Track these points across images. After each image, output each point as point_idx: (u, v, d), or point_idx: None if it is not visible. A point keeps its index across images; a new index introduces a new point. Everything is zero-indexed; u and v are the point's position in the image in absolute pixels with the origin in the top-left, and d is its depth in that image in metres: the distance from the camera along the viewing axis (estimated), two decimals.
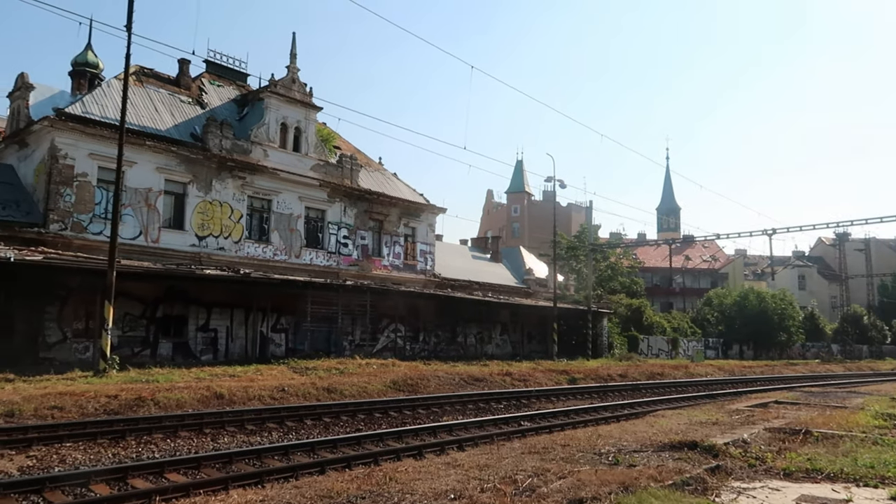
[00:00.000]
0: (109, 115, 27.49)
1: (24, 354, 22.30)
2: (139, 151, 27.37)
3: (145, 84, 31.81)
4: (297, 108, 34.59)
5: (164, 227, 28.59)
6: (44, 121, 25.95)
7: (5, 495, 8.04)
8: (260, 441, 12.74)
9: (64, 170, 25.66)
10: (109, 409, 14.29)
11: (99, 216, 26.31)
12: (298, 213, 33.94)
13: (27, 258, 20.67)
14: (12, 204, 25.65)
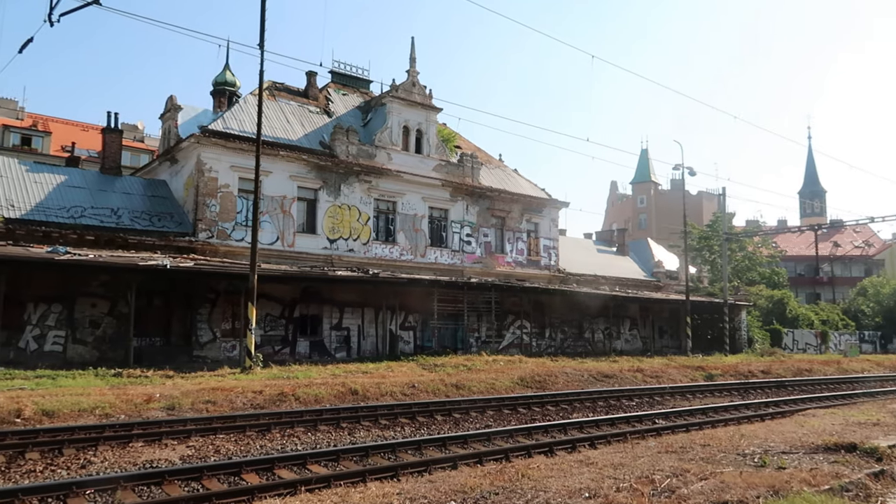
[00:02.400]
0: (247, 129, 29.40)
1: (180, 353, 24.37)
2: (274, 161, 29.06)
3: (277, 98, 33.73)
4: (418, 110, 35.34)
5: (298, 231, 30.18)
6: (191, 138, 28.19)
7: (170, 482, 8.80)
8: (393, 435, 13.12)
9: (209, 182, 27.74)
10: (255, 403, 15.27)
11: (241, 224, 28.21)
12: (422, 214, 34.66)
13: (181, 265, 22.54)
14: (167, 216, 28.08)
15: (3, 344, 20.93)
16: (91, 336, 23.54)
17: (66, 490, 8.16)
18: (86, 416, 13.07)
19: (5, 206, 24.62)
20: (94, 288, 23.61)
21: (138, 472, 9.34)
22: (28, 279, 21.79)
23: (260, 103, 22.05)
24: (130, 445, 11.13)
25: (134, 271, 21.44)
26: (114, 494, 8.31)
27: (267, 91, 31.56)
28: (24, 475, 9.30)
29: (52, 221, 24.81)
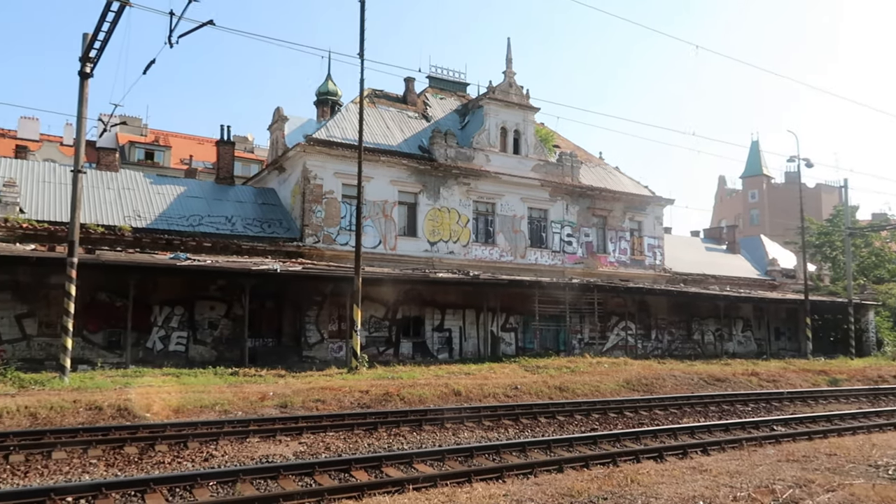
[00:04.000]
0: (349, 137, 30.30)
1: (291, 353, 25.43)
2: (375, 167, 29.78)
3: (377, 104, 34.57)
4: (515, 111, 35.20)
5: (399, 235, 30.77)
6: (296, 147, 29.39)
7: (284, 476, 9.17)
8: (497, 437, 13.10)
9: (315, 189, 28.81)
10: (362, 402, 15.69)
11: (345, 228, 29.11)
12: (521, 214, 34.46)
13: (289, 269, 23.52)
14: (276, 222, 29.41)
15: (134, 344, 22.57)
16: (210, 337, 24.99)
17: (191, 481, 8.67)
18: (207, 412, 13.88)
19: (132, 217, 26.57)
20: (211, 292, 25.05)
21: (255, 466, 9.80)
22: (154, 284, 23.42)
23: (361, 111, 22.66)
24: (247, 441, 11.70)
25: (247, 275, 22.58)
26: (233, 487, 8.76)
27: (367, 99, 32.41)
28: (155, 466, 9.98)
29: (173, 230, 26.55)
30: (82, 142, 17.80)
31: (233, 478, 8.93)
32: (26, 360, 20.62)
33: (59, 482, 8.81)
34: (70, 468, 9.59)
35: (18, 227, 23.13)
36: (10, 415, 12.50)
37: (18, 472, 9.29)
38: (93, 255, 21.10)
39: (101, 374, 18.17)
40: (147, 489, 8.28)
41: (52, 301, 21.58)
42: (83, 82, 17.41)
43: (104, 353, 22.34)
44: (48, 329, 21.96)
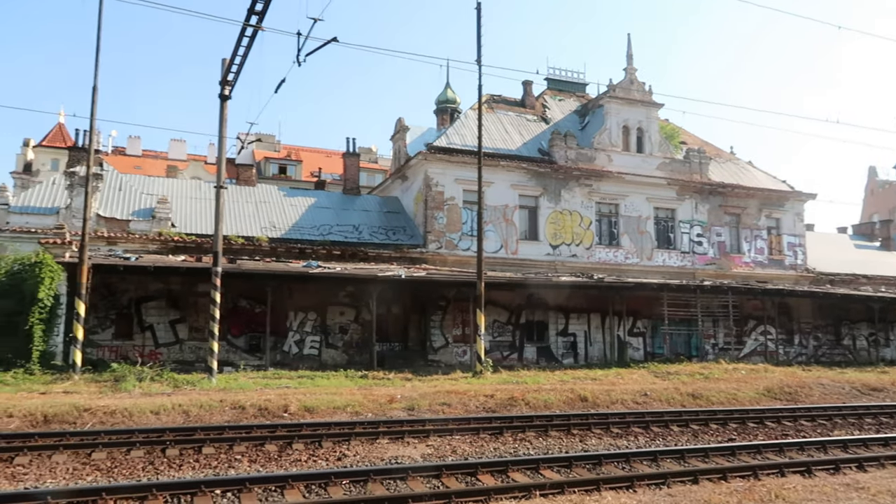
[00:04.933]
0: (468, 143, 30.61)
1: (417, 357, 26.00)
2: (495, 172, 29.85)
3: (495, 109, 34.68)
4: (637, 108, 34.10)
5: (521, 239, 30.65)
6: (418, 156, 30.08)
7: (413, 478, 9.35)
8: (627, 445, 12.67)
9: (436, 196, 29.34)
10: (487, 406, 15.73)
11: (466, 234, 29.39)
12: (647, 215, 33.28)
13: (414, 275, 24.07)
14: (400, 229, 30.22)
15: (272, 348, 23.97)
16: (340, 341, 26.07)
17: (326, 479, 9.04)
18: (339, 414, 14.44)
19: (268, 228, 28.26)
20: (341, 298, 26.14)
21: (385, 466, 10.07)
22: (289, 290, 24.77)
23: (479, 117, 22.81)
24: (377, 442, 12.05)
25: (374, 282, 23.34)
26: (365, 486, 9.05)
27: (485, 104, 32.62)
28: (293, 463, 10.50)
29: (305, 239, 27.96)
30: (223, 160, 19.16)
31: (364, 477, 9.22)
32: (179, 361, 22.44)
33: (208, 476, 9.48)
34: (218, 463, 10.29)
35: (170, 240, 25.26)
36: (167, 412, 13.63)
37: (174, 464, 10.09)
38: (234, 264, 22.64)
39: (244, 376, 19.40)
40: (286, 485, 8.72)
41: (200, 307, 23.39)
42: (223, 104, 18.74)
43: (246, 355, 23.88)
44: (197, 333, 23.81)
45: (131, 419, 13.17)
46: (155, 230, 25.71)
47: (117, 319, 23.58)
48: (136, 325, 23.82)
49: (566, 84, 38.62)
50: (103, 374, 17.81)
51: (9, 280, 19.59)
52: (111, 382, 16.80)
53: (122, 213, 26.39)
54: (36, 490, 8.19)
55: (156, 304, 24.03)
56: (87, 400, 14.14)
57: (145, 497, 8.06)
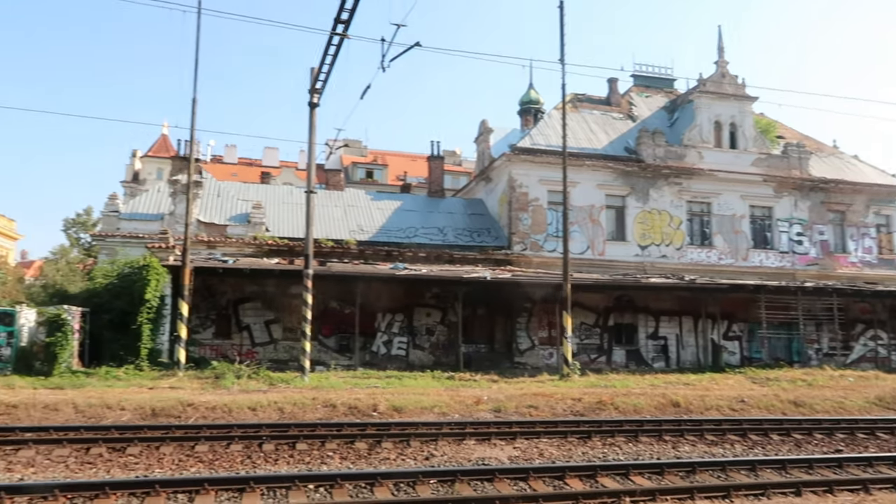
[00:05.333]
0: (553, 144, 30.28)
1: (503, 359, 25.96)
2: (580, 171, 29.39)
3: (580, 108, 34.16)
4: (730, 102, 32.73)
5: (608, 239, 30.04)
6: (502, 157, 30.04)
7: (500, 479, 9.34)
8: (722, 453, 12.17)
9: (520, 197, 29.19)
10: (575, 410, 15.50)
11: (551, 235, 29.09)
12: (741, 213, 31.87)
13: (499, 276, 24.05)
14: (484, 231, 30.27)
15: (361, 348, 24.54)
16: (427, 342, 26.37)
17: (414, 478, 9.16)
18: (427, 414, 14.61)
19: (356, 231, 28.95)
20: (427, 299, 26.45)
21: (472, 467, 10.10)
22: (377, 292, 25.28)
23: (563, 117, 22.55)
24: (464, 442, 12.10)
25: (459, 283, 23.49)
26: (452, 486, 9.11)
27: (569, 104, 32.15)
28: (381, 461, 10.71)
29: (392, 241, 28.47)
30: (313, 166, 19.80)
31: (451, 477, 9.28)
32: (274, 360, 23.34)
33: (302, 471, 9.81)
34: (311, 459, 10.63)
35: (265, 243, 26.32)
36: (263, 408, 14.21)
37: (270, 459, 10.51)
38: (324, 266, 23.35)
39: (334, 375, 19.96)
40: (376, 483, 8.91)
41: (292, 309, 24.24)
42: (312, 112, 19.38)
43: (336, 355, 24.56)
44: (290, 333, 24.69)
45: (230, 414, 13.81)
46: (250, 234, 26.86)
47: (217, 319, 24.78)
48: (234, 324, 24.95)
49: (653, 80, 37.55)
50: (205, 371, 18.77)
51: (120, 282, 20.96)
52: (212, 379, 17.67)
53: (221, 219, 27.72)
54: (146, 479, 8.73)
55: (252, 304, 25.10)
56: (191, 395, 14.94)
57: (244, 489, 8.43)
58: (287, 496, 8.37)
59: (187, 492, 8.26)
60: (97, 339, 20.33)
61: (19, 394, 14.55)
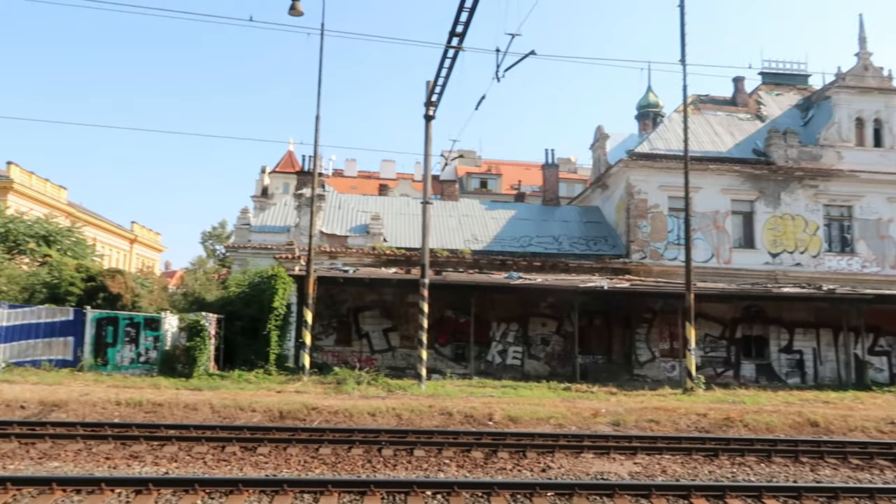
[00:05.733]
0: (673, 148, 29.16)
1: (621, 371, 25.18)
2: (703, 176, 28.09)
3: (702, 110, 32.71)
4: (873, 97, 30.16)
5: (734, 247, 28.48)
6: (619, 163, 29.28)
7: (620, 495, 9.03)
8: (870, 478, 11.13)
9: (639, 204, 28.30)
10: (700, 426, 14.74)
11: (672, 243, 27.97)
12: (889, 217, 29.22)
13: (616, 286, 23.39)
14: (601, 239, 29.59)
15: (476, 357, 24.64)
16: (542, 352, 26.07)
17: (531, 490, 9.04)
18: (542, 425, 14.41)
19: (471, 240, 29.18)
20: (542, 309, 26.16)
21: (591, 481, 9.83)
22: (491, 301, 25.32)
23: (685, 119, 21.64)
24: (582, 455, 11.81)
25: (575, 293, 23.06)
26: (570, 500, 8.91)
27: (691, 105, 30.90)
28: (498, 471, 10.66)
29: (506, 251, 28.44)
30: (429, 177, 20.16)
31: (569, 490, 9.08)
32: (391, 367, 23.92)
33: (420, 477, 9.95)
34: (428, 465, 10.76)
35: (383, 253, 27.10)
36: (382, 414, 14.57)
37: (389, 464, 10.73)
38: (440, 276, 23.68)
39: (450, 383, 20.14)
40: (492, 492, 8.87)
41: (409, 317, 24.77)
42: (427, 124, 19.76)
43: (452, 364, 24.79)
44: (407, 341, 25.23)
45: (351, 419, 14.27)
46: (369, 245, 27.76)
47: (338, 327, 25.76)
48: (355, 332, 25.82)
49: (784, 77, 35.30)
50: (327, 377, 19.53)
51: (251, 291, 22.28)
52: (334, 385, 18.35)
53: (342, 230, 28.85)
54: (275, 478, 9.18)
55: (371, 313, 25.87)
56: (315, 399, 15.58)
57: (365, 492, 8.66)
58: (406, 501, 8.51)
59: (313, 492, 8.59)
60: (230, 343, 21.68)
61: (164, 393, 15.77)
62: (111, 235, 55.58)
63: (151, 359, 19.88)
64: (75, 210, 46.76)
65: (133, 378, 18.33)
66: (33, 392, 15.18)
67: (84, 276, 22.32)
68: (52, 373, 18.29)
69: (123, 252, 58.50)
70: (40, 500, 8.02)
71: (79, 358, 19.49)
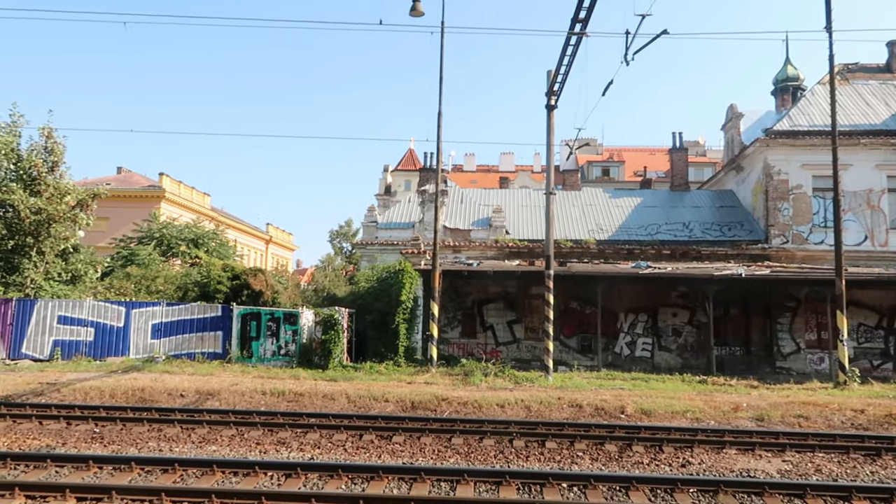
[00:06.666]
0: (816, 123, 27.00)
1: (761, 363, 23.68)
2: (853, 152, 25.77)
3: (851, 80, 30.06)
4: None
5: (891, 228, 25.94)
6: (755, 143, 27.47)
7: (770, 494, 8.49)
8: None
9: (779, 185, 26.43)
10: (856, 423, 13.60)
11: (818, 225, 25.92)
12: None
13: (755, 273, 22.01)
14: (736, 224, 27.94)
15: (603, 349, 24.06)
16: (674, 344, 25.03)
17: (671, 485, 8.70)
18: (678, 419, 13.85)
19: (595, 230, 28.50)
20: (673, 299, 25.11)
21: (737, 479, 9.31)
22: (618, 292, 24.63)
23: (832, 90, 19.90)
24: (724, 451, 11.23)
25: (709, 281, 21.92)
26: (714, 497, 8.48)
27: (838, 76, 28.35)
28: (634, 465, 10.35)
29: (632, 240, 27.54)
30: (552, 167, 19.88)
31: (713, 487, 8.65)
32: (516, 359, 23.88)
33: (553, 469, 9.86)
34: (561, 458, 10.64)
35: (506, 246, 27.08)
36: (510, 406, 14.59)
37: (521, 455, 10.72)
38: (564, 267, 23.33)
39: (578, 375, 19.81)
40: (630, 486, 8.63)
41: (533, 309, 24.61)
42: (549, 114, 19.47)
43: (578, 356, 24.38)
44: (532, 333, 25.09)
45: (480, 410, 14.39)
46: (492, 238, 27.83)
47: (463, 319, 26.04)
48: (479, 324, 26.00)
49: None
50: (454, 369, 19.81)
51: (380, 286, 23.02)
52: (461, 376, 18.59)
53: (464, 224, 29.13)
54: (412, 466, 9.42)
55: (495, 305, 25.94)
56: (444, 391, 15.86)
57: (500, 482, 8.70)
58: (542, 492, 8.46)
59: (449, 481, 8.75)
60: (361, 336, 22.52)
61: (304, 384, 16.64)
62: (249, 237, 59.39)
63: (290, 351, 21.04)
64: (217, 214, 50.37)
65: (275, 369, 19.49)
66: (190, 382, 16.53)
67: (230, 275, 23.99)
68: (204, 364, 19.83)
69: (260, 252, 62.34)
70: (203, 480, 8.71)
71: (227, 351, 20.98)
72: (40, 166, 23.01)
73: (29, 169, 22.95)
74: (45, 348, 20.70)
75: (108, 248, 33.13)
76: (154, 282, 25.23)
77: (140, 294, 24.22)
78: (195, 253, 31.31)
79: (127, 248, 31.14)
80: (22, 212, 21.93)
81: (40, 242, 22.65)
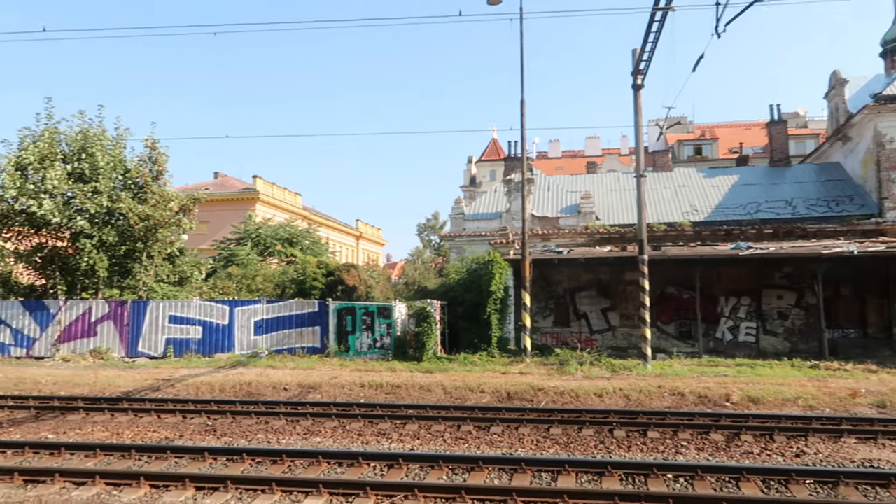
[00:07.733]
0: None
1: (880, 346, 22.14)
2: None
3: None
4: None
5: None
6: (864, 110, 25.64)
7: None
8: None
9: (891, 154, 24.60)
10: None
11: None
12: None
13: (868, 250, 20.59)
14: (845, 199, 26.20)
15: (703, 335, 23.16)
16: (780, 327, 23.80)
17: (786, 476, 8.29)
18: (789, 406, 13.19)
19: (689, 212, 27.46)
20: (777, 280, 23.85)
21: (859, 469, 8.75)
22: (717, 275, 23.64)
23: None
24: (842, 440, 10.61)
25: (817, 260, 20.69)
26: (835, 489, 8.02)
27: None
28: (743, 455, 9.93)
29: (730, 220, 26.35)
30: (641, 149, 19.29)
31: (833, 479, 8.18)
32: (612, 347, 23.39)
33: (657, 459, 9.60)
34: (664, 447, 10.34)
35: (596, 232, 26.54)
36: (608, 395, 14.32)
37: (622, 445, 10.50)
38: (659, 251, 22.60)
39: (677, 362, 19.18)
40: (741, 477, 8.28)
41: (628, 295, 24.03)
42: (636, 94, 18.87)
43: (677, 342, 23.61)
44: (627, 321, 24.49)
45: (578, 400, 14.20)
46: (581, 224, 27.34)
47: (555, 308, 25.74)
48: (572, 313, 25.62)
49: None
50: (549, 358, 19.63)
51: (469, 277, 23.08)
52: (556, 366, 18.40)
53: (552, 211, 28.76)
54: (512, 456, 9.42)
55: (587, 293, 25.49)
56: (539, 381, 15.75)
57: (602, 473, 8.56)
58: (646, 483, 8.26)
59: (550, 471, 8.68)
60: (453, 328, 22.67)
61: (400, 376, 16.95)
62: (340, 233, 61.01)
63: (385, 344, 21.47)
64: (309, 213, 52.02)
65: (371, 362, 19.95)
66: (292, 376, 17.19)
67: (324, 271, 24.73)
68: (304, 359, 20.56)
69: (351, 248, 63.96)
70: (310, 470, 9.03)
71: (325, 345, 21.66)
72: (146, 175, 24.53)
73: (136, 178, 24.52)
74: (158, 346, 22.07)
75: (209, 250, 34.90)
76: (254, 280, 26.35)
77: (241, 293, 25.37)
78: (290, 251, 32.46)
79: (227, 249, 32.68)
80: (131, 219, 23.42)
81: (149, 247, 24.14)
